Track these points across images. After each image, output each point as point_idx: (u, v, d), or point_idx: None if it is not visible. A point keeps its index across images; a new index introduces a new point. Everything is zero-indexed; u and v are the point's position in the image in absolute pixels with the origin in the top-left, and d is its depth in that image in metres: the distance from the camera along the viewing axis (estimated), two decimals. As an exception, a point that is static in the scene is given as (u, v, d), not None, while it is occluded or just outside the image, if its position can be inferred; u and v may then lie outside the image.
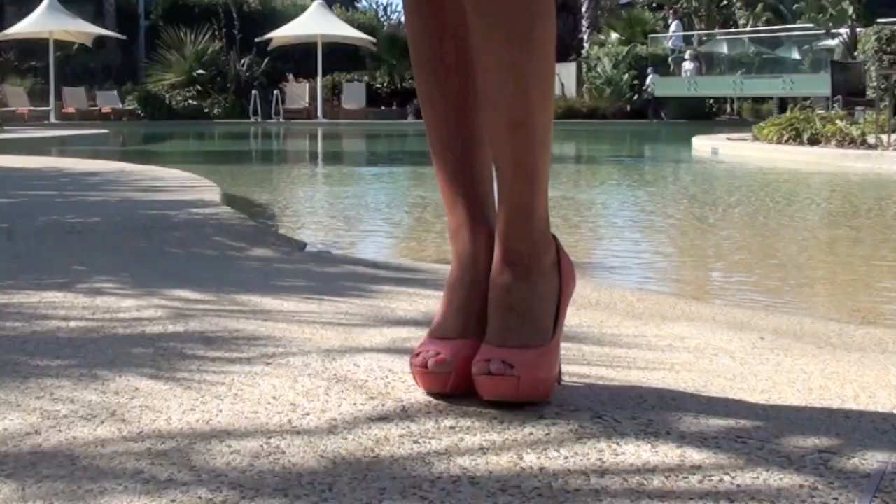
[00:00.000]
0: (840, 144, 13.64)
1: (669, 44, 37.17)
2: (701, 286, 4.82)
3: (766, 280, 5.30)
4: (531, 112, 1.77)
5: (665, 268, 5.62)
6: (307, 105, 38.43)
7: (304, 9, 43.64)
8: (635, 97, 36.90)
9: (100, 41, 38.93)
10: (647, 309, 3.18)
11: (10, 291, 2.98)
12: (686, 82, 36.18)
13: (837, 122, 14.37)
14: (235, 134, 29.13)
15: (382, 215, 7.79)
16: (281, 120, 36.58)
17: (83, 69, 40.32)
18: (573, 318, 2.92)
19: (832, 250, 6.58)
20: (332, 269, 3.69)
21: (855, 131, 13.60)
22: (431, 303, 2.88)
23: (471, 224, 1.91)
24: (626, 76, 36.97)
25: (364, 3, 55.10)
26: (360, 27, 41.97)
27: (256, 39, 38.74)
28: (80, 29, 37.41)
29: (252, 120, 36.85)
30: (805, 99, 39.05)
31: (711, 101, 38.93)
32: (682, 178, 12.11)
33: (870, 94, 17.99)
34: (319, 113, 37.58)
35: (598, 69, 37.96)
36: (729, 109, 39.66)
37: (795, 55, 38.99)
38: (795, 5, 37.68)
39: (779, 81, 33.73)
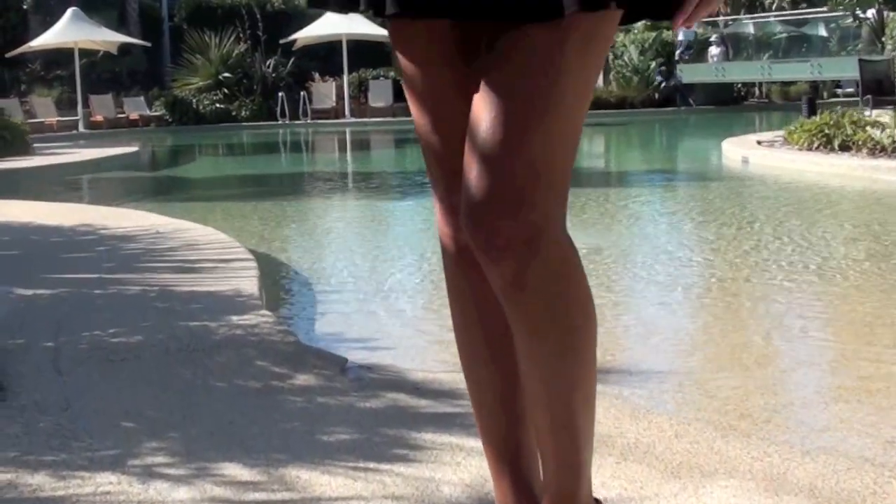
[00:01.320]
0: (871, 153, 13.61)
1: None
2: (742, 403, 4.69)
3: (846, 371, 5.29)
4: (575, 414, 1.81)
5: (703, 363, 5.46)
6: (334, 104, 38.47)
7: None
8: (663, 84, 36.73)
9: (125, 47, 39.03)
10: (685, 455, 3.19)
11: (63, 472, 3.03)
12: (713, 68, 36.08)
13: (868, 128, 14.31)
14: (264, 145, 29.06)
15: (419, 281, 7.58)
16: (308, 121, 36.62)
17: (109, 75, 40.48)
18: (614, 477, 2.97)
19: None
20: (374, 404, 3.72)
21: (886, 139, 13.55)
22: (475, 465, 2.95)
23: (515, 499, 1.95)
24: (653, 63, 36.79)
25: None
26: (384, 23, 41.90)
27: (281, 41, 38.79)
28: (105, 38, 37.52)
29: (280, 122, 36.91)
30: (836, 85, 39.13)
31: (740, 85, 38.73)
32: (714, 204, 11.95)
33: (899, 91, 18.00)
34: (347, 112, 37.65)
35: (625, 57, 37.80)
36: (758, 93, 39.51)
37: (822, 31, 38.85)
38: (821, -10, 37.52)
39: (806, 66, 33.66)
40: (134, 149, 22.17)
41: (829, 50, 38.76)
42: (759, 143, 16.63)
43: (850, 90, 37.10)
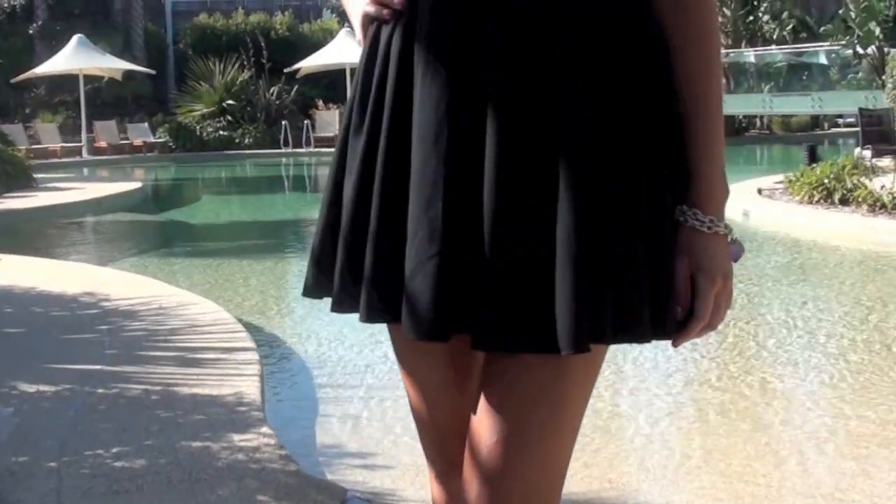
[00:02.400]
0: (871, 209, 13.66)
1: None
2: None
3: None
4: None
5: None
6: (337, 132, 38.50)
7: (331, 33, 43.91)
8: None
9: (129, 73, 39.18)
10: None
11: None
12: (715, 101, 36.11)
13: (867, 183, 14.38)
14: (268, 180, 29.23)
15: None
16: (311, 149, 36.68)
17: (113, 100, 40.62)
18: None
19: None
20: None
21: (886, 197, 13.60)
22: None
23: None
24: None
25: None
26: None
27: (285, 70, 38.90)
28: (110, 65, 37.72)
29: (283, 150, 37.01)
30: (838, 117, 39.25)
31: (741, 116, 38.84)
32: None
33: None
34: (350, 140, 37.69)
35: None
36: (759, 124, 39.62)
37: (823, 60, 38.97)
38: (822, 28, 37.64)
39: (807, 100, 33.79)
40: (137, 185, 22.24)
41: (829, 79, 38.90)
42: (759, 191, 16.65)
43: (850, 120, 37.24)
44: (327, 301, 1.96)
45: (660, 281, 1.79)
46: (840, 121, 39.15)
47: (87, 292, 9.15)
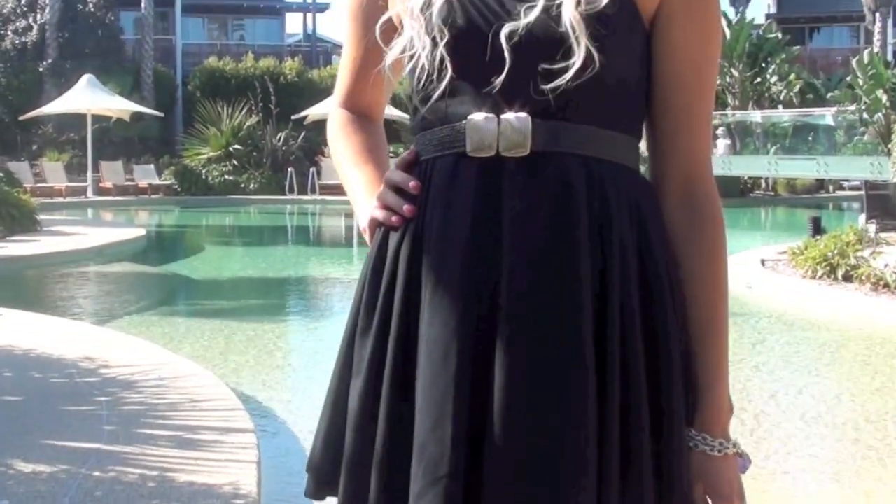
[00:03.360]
0: (875, 288, 13.66)
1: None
2: None
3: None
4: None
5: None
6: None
7: (340, 80, 44.00)
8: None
9: (137, 114, 39.30)
10: None
11: None
12: (720, 161, 36.20)
13: (870, 261, 14.38)
14: (272, 230, 29.32)
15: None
16: (317, 196, 36.75)
17: (121, 140, 40.75)
18: None
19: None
20: None
21: (889, 276, 13.60)
22: None
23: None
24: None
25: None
26: (393, 99, 42.13)
27: (293, 117, 39.04)
28: (118, 106, 37.83)
29: (288, 196, 37.09)
30: (843, 179, 39.30)
31: (746, 177, 38.90)
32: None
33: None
34: (355, 188, 37.82)
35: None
36: (763, 185, 39.68)
37: (829, 121, 39.08)
38: (829, 94, 37.79)
39: (813, 164, 33.78)
40: (139, 232, 22.21)
41: (835, 142, 38.99)
42: (763, 262, 16.64)
43: (855, 183, 37.30)
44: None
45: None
46: (845, 184, 39.22)
47: (87, 356, 9.13)
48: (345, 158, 2.07)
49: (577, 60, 1.74)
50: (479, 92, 1.80)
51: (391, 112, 38.39)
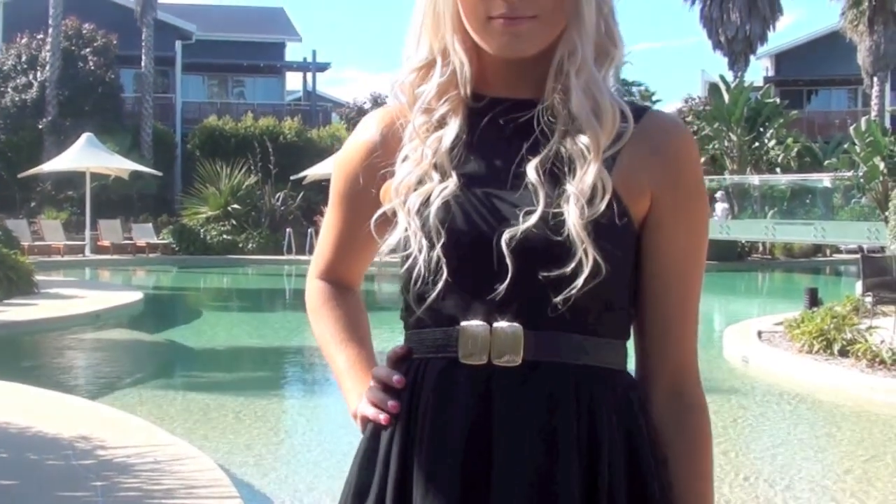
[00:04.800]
0: (870, 364, 13.67)
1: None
2: None
3: None
4: None
5: None
6: (340, 248, 38.71)
7: (339, 140, 44.23)
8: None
9: (136, 172, 39.34)
10: None
11: None
12: (718, 226, 36.31)
13: (867, 336, 14.40)
14: (270, 293, 29.34)
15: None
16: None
17: (119, 198, 40.80)
18: None
19: None
20: None
21: (885, 353, 13.62)
22: None
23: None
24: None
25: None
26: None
27: (292, 177, 39.15)
28: (117, 165, 37.93)
29: (286, 257, 37.12)
30: (838, 250, 39.42)
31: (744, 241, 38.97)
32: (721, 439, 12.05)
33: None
34: (352, 249, 37.87)
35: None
36: (761, 248, 39.75)
37: (827, 183, 39.26)
38: (827, 161, 37.97)
39: (810, 229, 33.90)
40: (137, 297, 22.14)
41: (832, 205, 39.12)
42: (759, 335, 16.65)
43: (852, 247, 37.38)
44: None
45: None
46: (843, 247, 39.30)
47: (83, 436, 9.12)
48: (327, 338, 2.08)
49: (585, 270, 1.76)
50: (474, 297, 1.82)
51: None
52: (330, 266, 2.15)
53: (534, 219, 1.79)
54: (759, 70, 61.11)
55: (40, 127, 42.71)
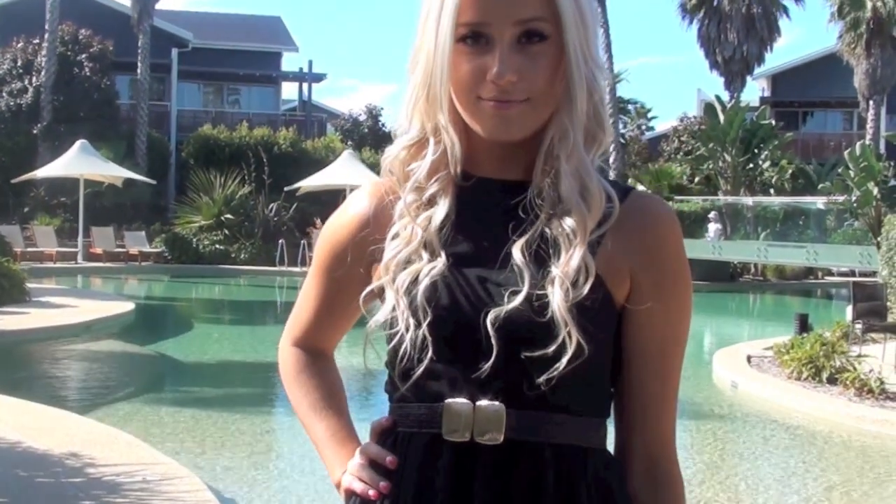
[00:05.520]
0: (859, 393, 13.70)
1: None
2: None
3: None
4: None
5: None
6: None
7: (333, 151, 44.27)
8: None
9: (130, 179, 39.28)
10: None
11: None
12: (710, 246, 36.38)
13: (855, 364, 14.43)
14: (262, 306, 29.37)
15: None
16: (306, 269, 36.66)
17: (112, 206, 40.74)
18: None
19: None
20: None
21: (873, 382, 13.66)
22: None
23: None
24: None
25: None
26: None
27: (286, 188, 39.16)
28: (111, 172, 37.92)
29: (278, 268, 37.10)
30: (829, 272, 39.50)
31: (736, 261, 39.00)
32: (695, 450, 12.11)
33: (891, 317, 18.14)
34: (346, 261, 37.91)
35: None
36: (753, 269, 39.76)
37: (820, 205, 39.35)
38: (821, 185, 38.06)
39: (802, 252, 33.93)
40: (128, 307, 22.13)
41: (825, 227, 39.20)
42: (749, 359, 16.69)
43: (844, 269, 37.45)
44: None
45: None
46: (834, 269, 39.36)
47: (73, 453, 9.14)
48: (305, 408, 2.10)
49: (569, 351, 1.79)
50: (459, 375, 1.86)
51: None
52: (306, 334, 2.17)
53: (518, 300, 1.81)
54: (755, 90, 61.28)
55: (35, 132, 42.65)
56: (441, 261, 1.89)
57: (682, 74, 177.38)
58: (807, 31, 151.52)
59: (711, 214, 38.60)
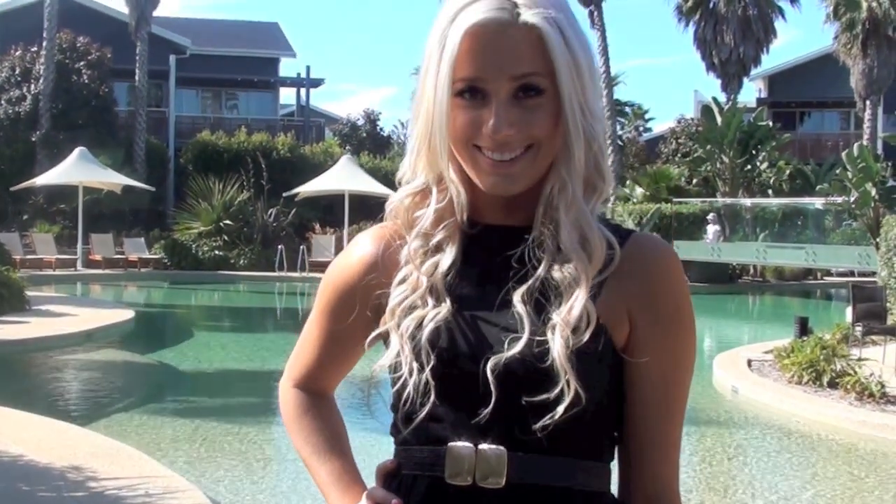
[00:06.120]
0: (859, 397, 13.71)
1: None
2: None
3: None
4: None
5: None
6: (333, 257, 38.60)
7: (332, 156, 44.35)
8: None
9: (129, 186, 39.29)
10: None
11: None
12: (709, 248, 36.42)
13: (857, 369, 14.44)
14: (261, 312, 29.38)
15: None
16: (306, 274, 36.76)
17: (111, 212, 40.75)
18: None
19: None
20: None
21: (874, 386, 13.67)
22: None
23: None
24: (649, 239, 36.79)
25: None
26: (386, 176, 42.49)
27: (284, 194, 39.20)
28: (110, 179, 37.95)
29: (277, 273, 37.08)
30: (828, 272, 39.52)
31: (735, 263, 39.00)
32: (696, 458, 12.13)
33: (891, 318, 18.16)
34: (345, 266, 37.98)
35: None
36: (752, 270, 39.80)
37: (818, 205, 39.35)
38: (819, 186, 38.06)
39: (801, 253, 33.99)
40: (128, 315, 22.14)
41: (824, 227, 39.21)
42: (749, 363, 16.70)
43: (843, 269, 37.47)
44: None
45: None
46: (833, 269, 39.38)
47: (75, 466, 9.15)
48: (309, 450, 2.11)
49: (567, 398, 1.81)
50: (461, 419, 1.88)
51: (382, 189, 38.60)
52: (308, 374, 2.18)
53: (519, 346, 1.83)
54: (752, 91, 61.28)
55: (33, 140, 42.67)
56: (446, 306, 1.90)
57: (678, 75, 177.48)
58: (803, 32, 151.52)
59: (710, 216, 38.60)
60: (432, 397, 1.86)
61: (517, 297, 1.87)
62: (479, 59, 1.85)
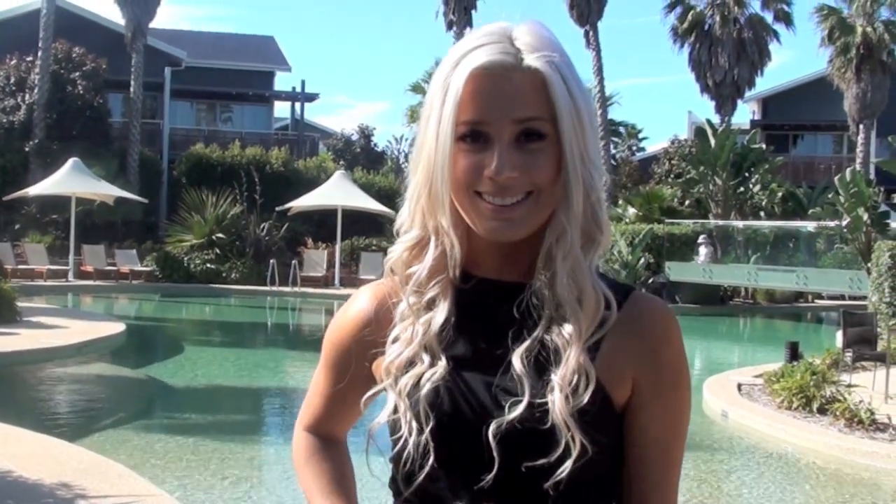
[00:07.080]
0: (849, 424, 13.72)
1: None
2: None
3: None
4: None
5: None
6: (325, 273, 38.70)
7: (325, 171, 44.35)
8: (651, 280, 36.82)
9: (121, 197, 39.25)
10: None
11: None
12: (701, 269, 36.40)
13: (846, 395, 14.46)
14: (252, 327, 29.37)
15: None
16: (297, 289, 36.75)
17: (104, 223, 40.72)
18: None
19: None
20: None
21: (863, 413, 13.69)
22: None
23: None
24: (641, 260, 36.87)
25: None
26: (379, 191, 42.52)
27: (277, 208, 39.20)
28: (103, 190, 37.94)
29: (269, 288, 37.04)
30: (819, 296, 39.56)
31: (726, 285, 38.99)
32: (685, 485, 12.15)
33: (881, 344, 18.16)
34: (336, 280, 38.01)
35: (615, 250, 38.01)
36: (743, 293, 39.79)
37: (810, 228, 39.40)
38: (811, 211, 38.12)
39: (793, 276, 34.02)
40: (119, 328, 22.08)
41: (815, 250, 39.24)
42: (739, 388, 16.70)
43: (833, 293, 37.49)
44: None
45: None
46: (824, 293, 39.39)
47: (64, 483, 9.13)
48: (314, 491, 2.12)
49: (573, 454, 1.81)
50: (461, 482, 1.88)
51: (375, 205, 38.61)
52: (318, 421, 2.20)
53: (519, 410, 1.83)
54: (746, 113, 61.42)
55: (27, 149, 42.60)
56: (442, 365, 1.90)
57: (673, 95, 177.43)
58: (797, 54, 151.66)
59: (702, 237, 38.56)
60: (431, 459, 1.86)
61: (516, 359, 1.87)
62: (482, 103, 1.86)
